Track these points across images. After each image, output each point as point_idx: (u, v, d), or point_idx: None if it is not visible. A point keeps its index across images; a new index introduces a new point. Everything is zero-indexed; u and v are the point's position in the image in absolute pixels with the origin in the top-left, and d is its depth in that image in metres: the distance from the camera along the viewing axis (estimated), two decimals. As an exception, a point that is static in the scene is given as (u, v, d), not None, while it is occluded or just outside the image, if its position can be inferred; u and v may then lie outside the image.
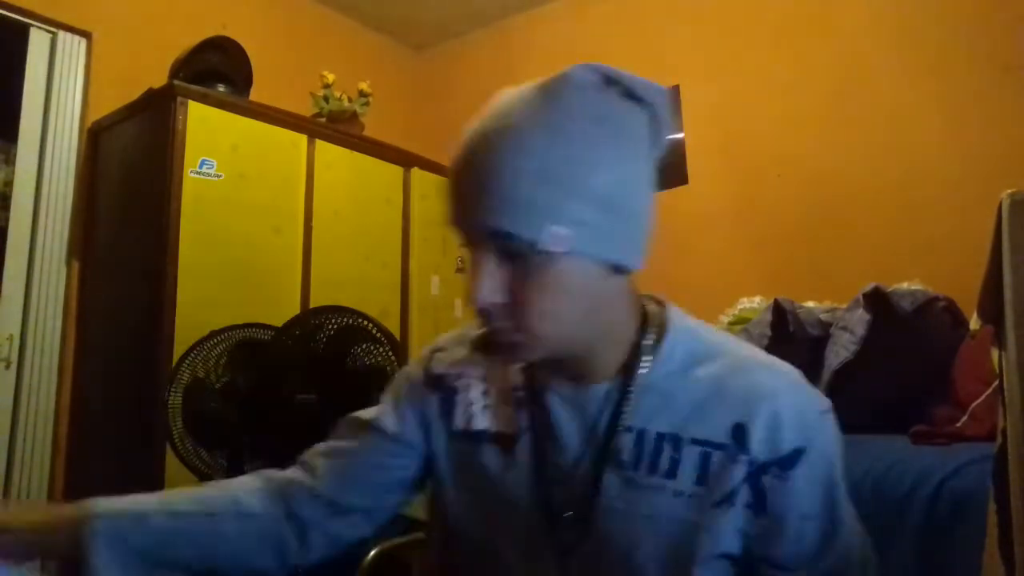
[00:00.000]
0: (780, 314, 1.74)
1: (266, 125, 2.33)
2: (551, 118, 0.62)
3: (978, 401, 1.42)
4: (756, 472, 0.65)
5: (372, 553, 1.15)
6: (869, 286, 1.61)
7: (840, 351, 1.60)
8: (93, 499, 0.72)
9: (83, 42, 2.43)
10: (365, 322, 1.29)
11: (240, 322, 1.60)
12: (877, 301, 1.58)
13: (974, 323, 0.95)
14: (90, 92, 2.41)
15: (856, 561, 0.68)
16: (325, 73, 2.79)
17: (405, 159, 2.86)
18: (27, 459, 2.16)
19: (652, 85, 0.67)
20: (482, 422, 0.76)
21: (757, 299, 2.19)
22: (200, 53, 2.37)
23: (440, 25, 3.57)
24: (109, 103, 2.38)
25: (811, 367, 1.74)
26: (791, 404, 0.66)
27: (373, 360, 1.27)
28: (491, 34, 3.52)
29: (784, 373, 0.70)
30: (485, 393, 0.77)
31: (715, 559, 0.65)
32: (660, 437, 0.67)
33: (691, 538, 0.65)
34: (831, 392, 1.59)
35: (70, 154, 2.37)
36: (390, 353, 1.26)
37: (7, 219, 2.27)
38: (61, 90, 2.37)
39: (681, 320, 0.73)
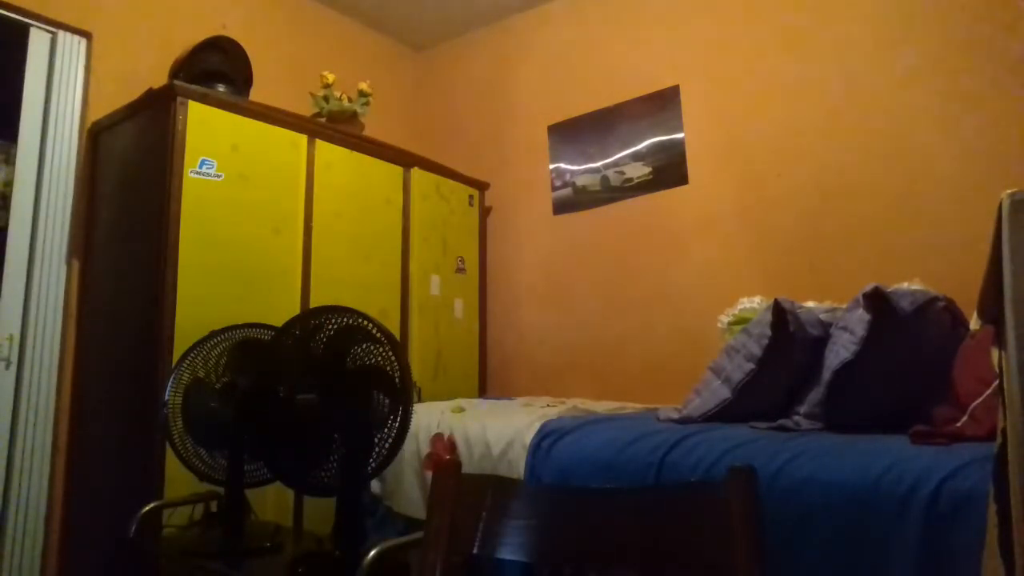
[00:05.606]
0: (780, 314, 1.74)
1: (266, 125, 2.33)
2: None
3: (978, 401, 1.42)
4: None
5: (372, 553, 1.15)
6: (869, 286, 1.60)
7: (840, 351, 1.59)
8: None
9: (83, 42, 2.44)
10: (365, 322, 1.29)
11: (240, 322, 1.60)
12: (877, 301, 1.58)
13: (974, 323, 0.95)
14: (90, 92, 2.41)
15: None
16: (325, 73, 2.80)
17: (405, 159, 2.86)
18: (27, 459, 2.15)
19: None
20: None
21: (757, 299, 2.19)
22: (200, 53, 2.38)
23: (440, 25, 3.57)
24: (109, 103, 2.39)
25: (811, 367, 1.74)
26: None
27: (373, 360, 1.27)
28: (491, 34, 3.52)
29: None
30: None
31: None
32: None
33: None
34: (831, 392, 1.60)
35: (70, 154, 2.37)
36: (390, 353, 1.26)
37: (7, 219, 2.27)
38: (61, 90, 2.37)
39: None
